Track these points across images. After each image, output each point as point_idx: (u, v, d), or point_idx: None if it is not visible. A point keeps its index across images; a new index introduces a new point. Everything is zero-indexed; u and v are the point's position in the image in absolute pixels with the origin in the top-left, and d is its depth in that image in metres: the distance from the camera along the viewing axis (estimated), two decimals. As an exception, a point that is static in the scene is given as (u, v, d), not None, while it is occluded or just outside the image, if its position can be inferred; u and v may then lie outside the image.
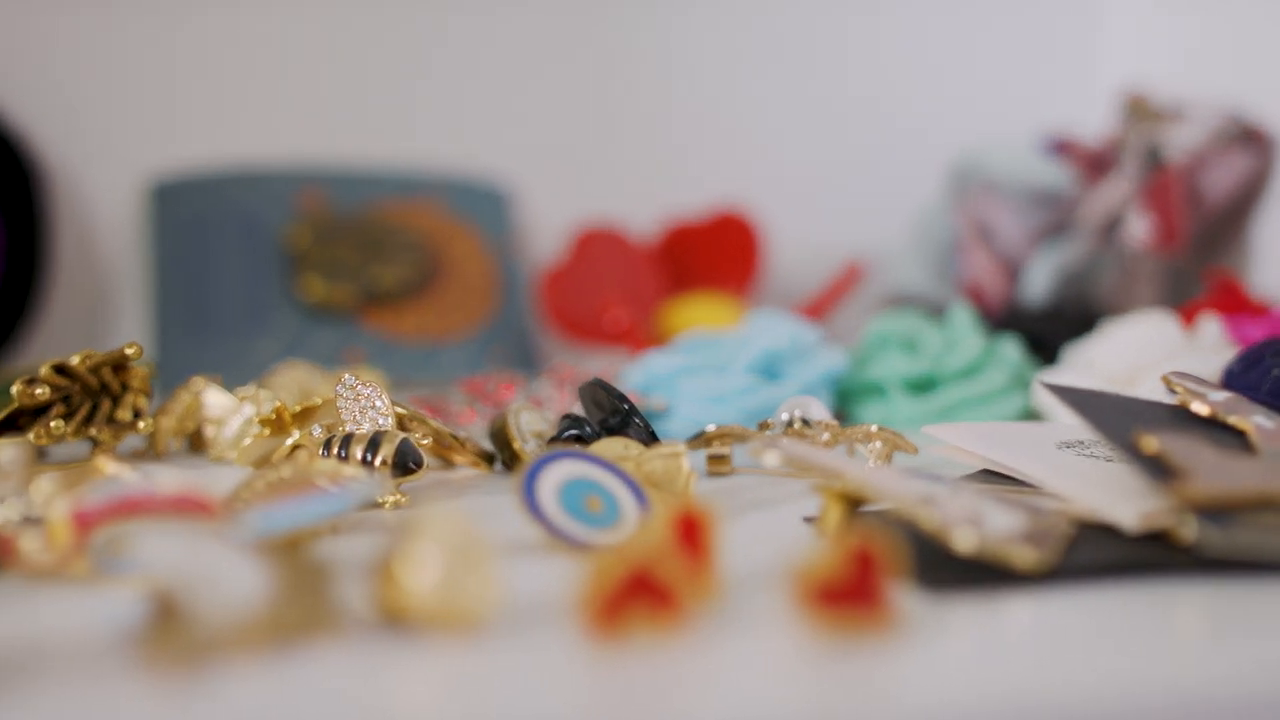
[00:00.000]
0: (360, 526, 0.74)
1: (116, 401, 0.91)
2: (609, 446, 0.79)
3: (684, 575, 0.56)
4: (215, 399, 0.95)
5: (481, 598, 0.56)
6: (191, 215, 1.33)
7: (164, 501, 0.63)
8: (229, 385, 0.96)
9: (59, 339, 1.34)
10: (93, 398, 0.90)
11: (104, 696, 0.50)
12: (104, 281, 1.38)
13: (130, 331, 1.35)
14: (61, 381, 0.88)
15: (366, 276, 1.34)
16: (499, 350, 1.35)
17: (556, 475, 0.71)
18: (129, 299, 1.37)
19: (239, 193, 1.35)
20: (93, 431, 0.89)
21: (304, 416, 0.90)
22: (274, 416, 0.88)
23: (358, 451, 0.78)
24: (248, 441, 0.91)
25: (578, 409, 0.94)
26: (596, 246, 1.42)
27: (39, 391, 0.87)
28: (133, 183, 1.36)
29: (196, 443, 0.97)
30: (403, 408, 0.83)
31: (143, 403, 0.92)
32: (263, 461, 0.89)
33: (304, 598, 0.56)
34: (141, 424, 0.91)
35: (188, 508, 0.63)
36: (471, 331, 1.36)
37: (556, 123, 1.53)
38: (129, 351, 0.90)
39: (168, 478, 0.65)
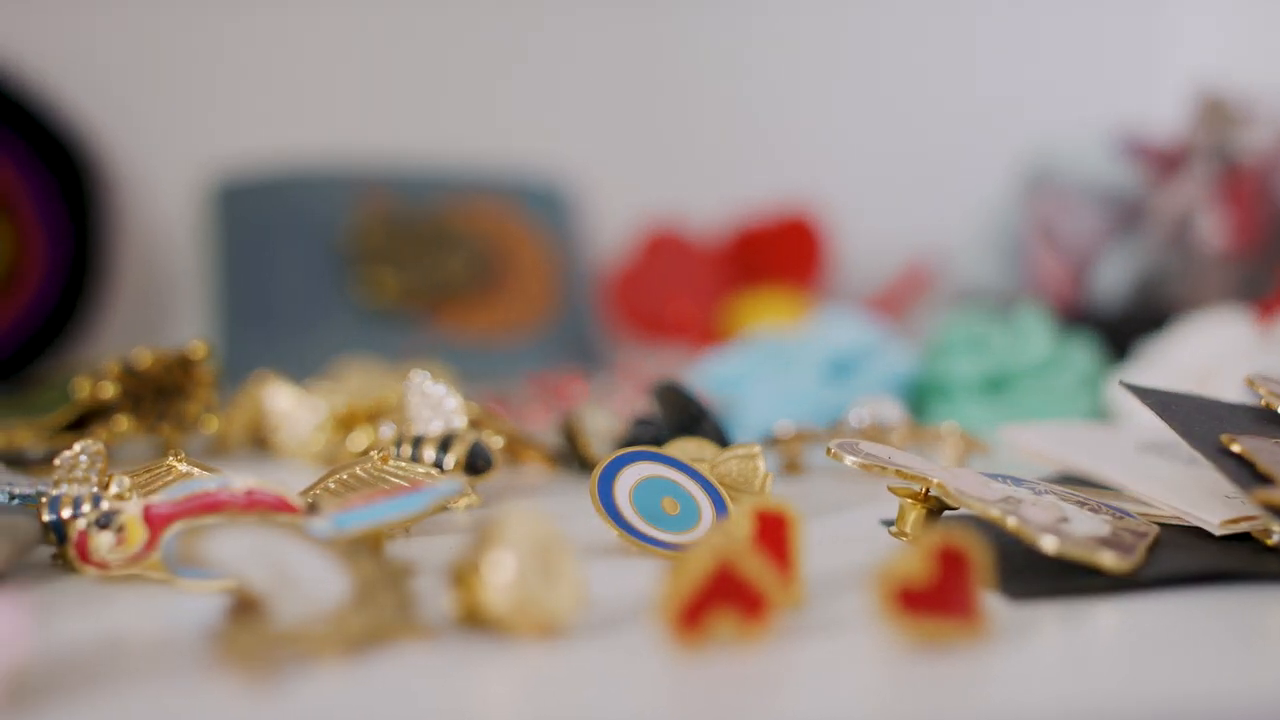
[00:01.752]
0: (432, 527, 0.73)
1: (183, 400, 0.91)
2: (684, 448, 0.78)
3: (772, 577, 0.55)
4: (281, 396, 0.95)
5: (562, 600, 0.55)
6: (255, 216, 1.33)
7: (240, 500, 0.63)
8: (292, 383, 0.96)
9: (120, 336, 1.34)
10: (160, 396, 0.90)
11: (184, 696, 0.50)
12: (164, 279, 1.38)
13: (191, 329, 1.35)
14: (129, 380, 0.87)
15: (427, 277, 1.34)
16: (560, 349, 1.35)
17: (631, 476, 0.70)
18: (189, 297, 1.37)
19: (301, 193, 1.35)
20: (160, 430, 0.89)
21: (372, 414, 0.89)
22: (344, 414, 0.87)
23: (430, 452, 0.77)
24: (315, 439, 0.91)
25: (647, 409, 0.94)
26: (662, 245, 1.42)
27: (107, 391, 0.86)
28: (192, 181, 1.36)
29: (262, 440, 0.97)
30: (473, 406, 0.83)
31: (209, 401, 0.92)
32: (332, 460, 0.88)
33: (384, 599, 0.55)
34: (208, 422, 0.90)
35: (264, 506, 0.63)
36: (532, 330, 1.35)
37: (620, 118, 1.52)
38: (196, 350, 0.89)
39: (243, 476, 0.64)
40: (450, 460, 0.77)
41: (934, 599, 0.55)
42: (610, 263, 1.45)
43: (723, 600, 0.54)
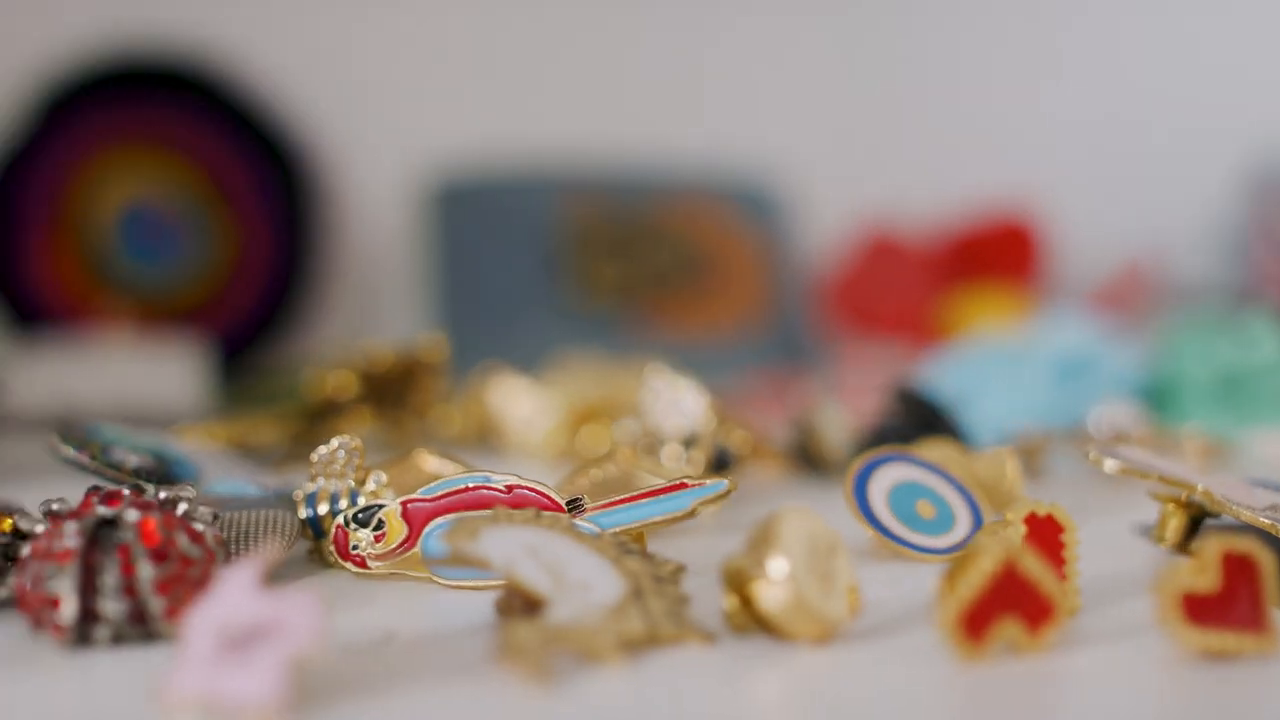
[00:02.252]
0: (681, 528, 0.73)
1: (415, 394, 0.91)
2: (932, 450, 0.77)
3: (1057, 583, 0.53)
4: (512, 390, 0.95)
5: (838, 604, 0.54)
6: (471, 217, 1.34)
7: (501, 497, 0.63)
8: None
9: (334, 328, 1.36)
10: (393, 390, 0.90)
11: (456, 694, 0.49)
12: (376, 274, 1.39)
13: (401, 324, 1.36)
14: (368, 376, 0.88)
15: (638, 277, 1.34)
16: (771, 348, 1.34)
17: (886, 479, 0.69)
18: (400, 292, 1.38)
19: (515, 195, 1.35)
20: (396, 424, 0.90)
21: (603, 411, 0.89)
22: (577, 410, 0.87)
23: (673, 450, 0.77)
24: (546, 434, 0.90)
25: (884, 410, 0.92)
26: (879, 247, 1.40)
27: (349, 385, 0.87)
28: (403, 179, 1.37)
29: (488, 434, 0.97)
30: (714, 405, 0.82)
31: (440, 395, 0.92)
32: (564, 455, 0.88)
33: (656, 600, 0.55)
34: (439, 416, 0.91)
35: (525, 504, 0.62)
36: (742, 329, 1.34)
37: (833, 116, 1.51)
38: (432, 347, 0.89)
39: (502, 473, 0.64)
40: (695, 459, 0.76)
41: (1221, 609, 0.53)
42: (823, 261, 1.43)
43: (1007, 607, 0.53)
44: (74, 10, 1.32)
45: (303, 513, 0.65)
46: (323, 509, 0.65)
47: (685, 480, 0.62)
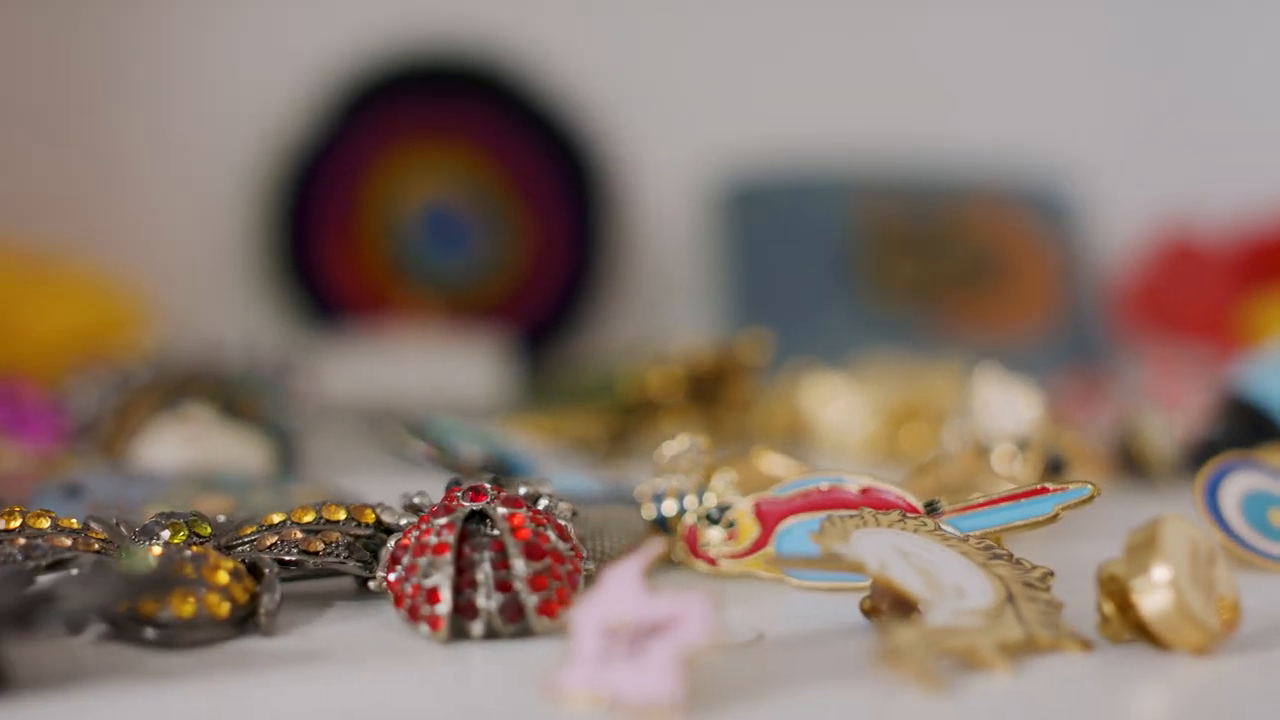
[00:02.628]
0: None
1: (729, 391, 0.91)
2: (1275, 457, 0.74)
3: None
4: (826, 388, 0.94)
5: (1218, 614, 0.53)
6: (762, 218, 1.33)
7: (855, 499, 0.62)
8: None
9: (625, 323, 1.36)
10: (709, 389, 0.90)
11: (840, 695, 0.49)
12: (666, 271, 1.39)
13: (691, 321, 1.36)
14: (684, 374, 0.88)
15: (929, 278, 1.32)
16: (1064, 350, 1.31)
17: (1236, 486, 0.67)
18: (689, 289, 1.38)
19: (805, 196, 1.35)
20: (715, 421, 0.89)
21: (920, 410, 0.88)
22: (896, 408, 0.86)
23: (1004, 453, 0.75)
24: (862, 432, 0.90)
25: (1209, 416, 0.89)
26: (1178, 251, 1.37)
27: (673, 383, 0.87)
28: (692, 178, 1.37)
29: (799, 430, 0.96)
30: (1043, 407, 0.80)
31: (751, 392, 0.92)
32: (883, 454, 0.87)
33: (1029, 605, 0.53)
34: (755, 415, 0.90)
35: (880, 505, 0.61)
36: (1034, 331, 1.32)
37: (1125, 114, 1.48)
38: (749, 346, 0.89)
39: (855, 474, 0.63)
40: (1028, 463, 0.75)
41: None
42: (1119, 263, 1.40)
43: None
44: (373, 9, 1.34)
45: (650, 511, 0.65)
46: (670, 507, 0.65)
47: (1046, 485, 0.60)
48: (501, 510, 0.56)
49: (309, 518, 0.59)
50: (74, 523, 0.58)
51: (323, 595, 0.60)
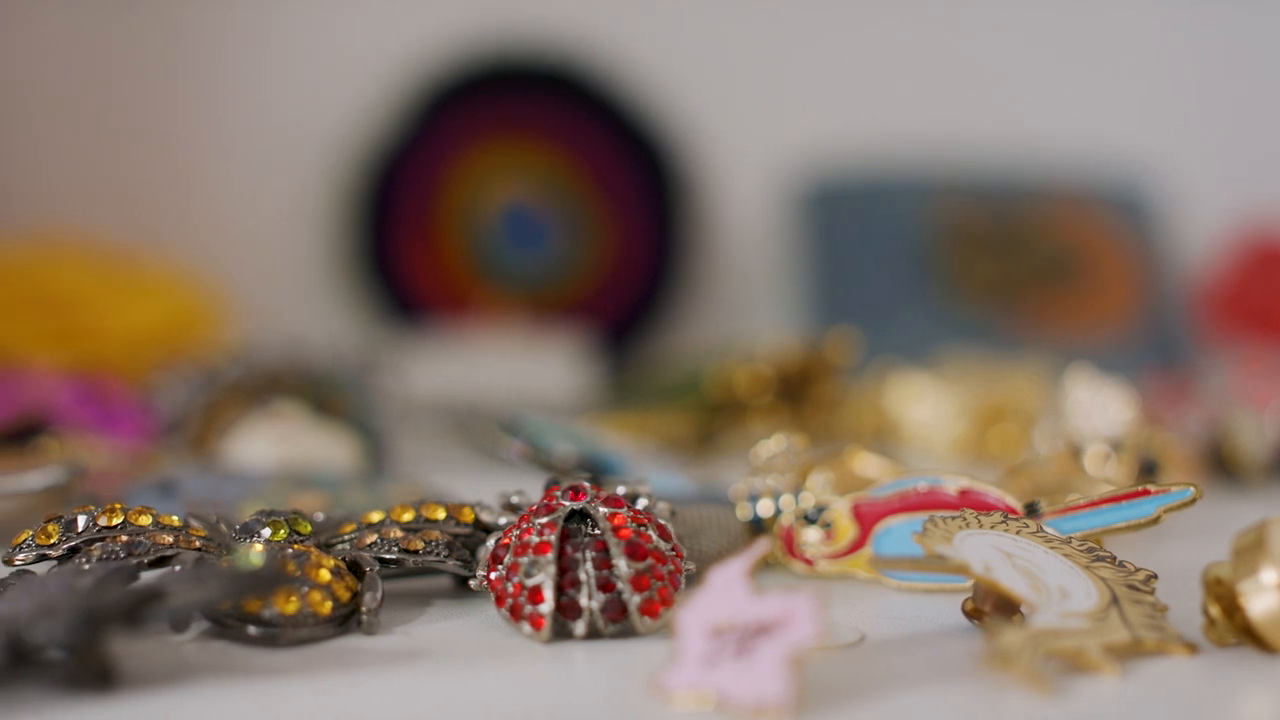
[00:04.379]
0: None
1: (815, 390, 0.91)
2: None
3: None
4: (910, 390, 0.94)
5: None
6: (841, 219, 1.33)
7: (953, 500, 0.62)
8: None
9: (706, 327, 1.36)
10: (795, 388, 0.90)
11: (950, 697, 0.49)
12: (747, 272, 1.39)
13: (774, 323, 1.35)
14: (779, 373, 0.88)
15: (1008, 279, 1.31)
16: (1144, 351, 1.30)
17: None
18: (771, 291, 1.38)
19: (884, 196, 1.34)
20: (803, 420, 0.89)
21: (1009, 413, 0.87)
22: (984, 408, 0.86)
23: (1097, 454, 0.75)
24: (950, 432, 0.89)
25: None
26: (1266, 248, 1.35)
27: (762, 383, 0.87)
28: (773, 178, 1.37)
29: (884, 430, 0.96)
30: (1136, 409, 0.80)
31: (837, 392, 0.91)
32: (970, 453, 0.86)
33: (1134, 608, 0.53)
34: (841, 414, 0.90)
35: (979, 507, 0.61)
36: (1118, 332, 1.31)
37: (1206, 114, 1.46)
38: (835, 346, 0.89)
39: (952, 474, 0.63)
40: (1121, 464, 0.74)
41: None
42: (1201, 264, 1.39)
43: None
44: (455, 9, 1.34)
45: (745, 511, 0.65)
46: (766, 508, 0.64)
47: (1148, 487, 0.60)
48: (603, 510, 0.55)
49: (408, 516, 0.59)
50: (175, 520, 0.58)
51: (420, 594, 0.60)
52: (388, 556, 0.57)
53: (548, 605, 0.53)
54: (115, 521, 0.58)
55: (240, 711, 0.48)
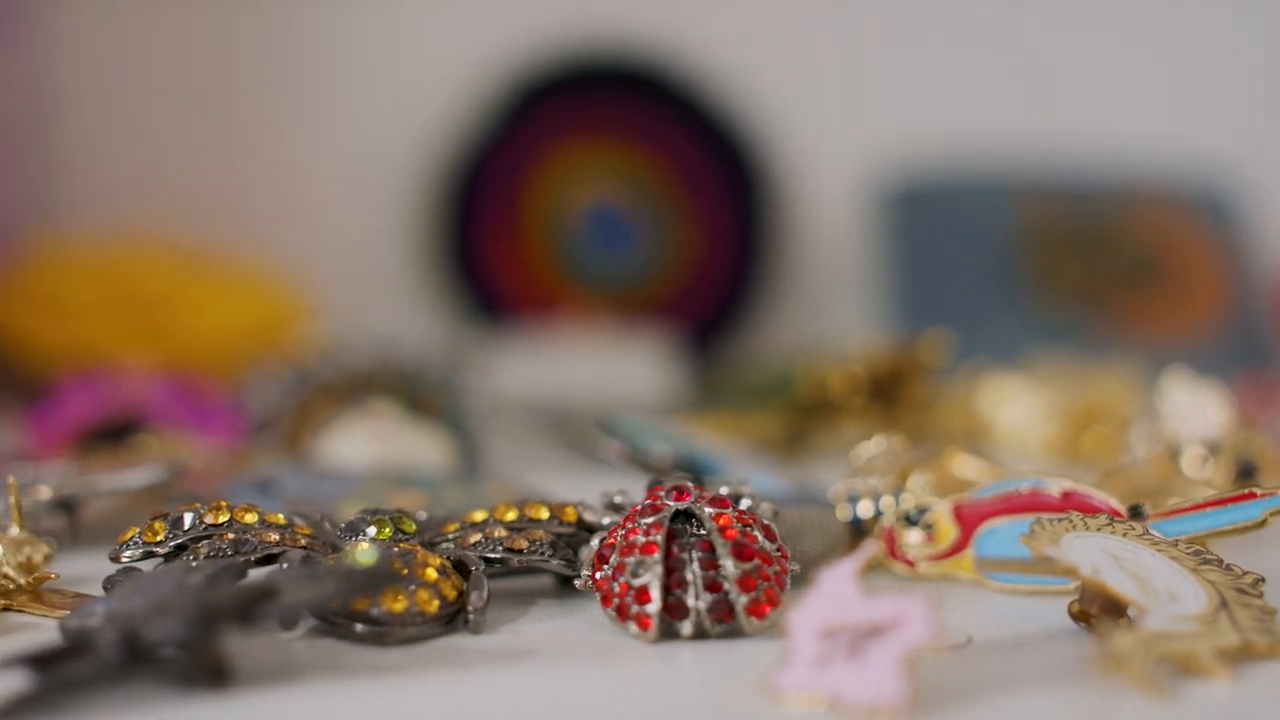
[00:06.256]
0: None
1: (907, 390, 0.90)
2: None
3: None
4: (1001, 391, 0.93)
5: None
6: (926, 219, 1.33)
7: (1056, 501, 0.61)
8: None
9: (789, 327, 1.36)
10: (886, 389, 0.90)
11: (1061, 699, 0.48)
12: (832, 273, 1.39)
13: (859, 324, 1.35)
14: (863, 374, 0.88)
15: (1094, 280, 1.31)
16: (1230, 354, 1.29)
17: None
18: (856, 291, 1.38)
19: (970, 196, 1.34)
20: (893, 421, 0.89)
21: (1102, 415, 0.87)
22: (1076, 410, 0.85)
23: (1194, 457, 0.74)
24: (1042, 434, 0.89)
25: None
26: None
27: (853, 383, 0.87)
28: (858, 178, 1.36)
29: (975, 431, 0.95)
30: (1233, 411, 0.79)
31: (929, 393, 0.91)
32: (1064, 456, 0.86)
33: (1243, 610, 0.53)
34: (934, 415, 0.90)
35: (1082, 509, 0.61)
36: (1205, 334, 1.30)
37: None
38: (927, 347, 0.89)
39: (1054, 476, 0.62)
40: (1219, 467, 0.74)
41: None
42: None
43: None
44: (540, 9, 1.34)
45: (845, 512, 0.64)
46: (866, 509, 0.64)
47: (1254, 489, 0.59)
48: (708, 510, 0.56)
49: (512, 515, 0.59)
50: (280, 518, 0.59)
51: (522, 593, 0.61)
52: (492, 556, 0.57)
53: (655, 605, 0.53)
54: (222, 519, 0.58)
55: (351, 709, 0.48)
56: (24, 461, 0.82)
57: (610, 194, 1.32)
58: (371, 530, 0.58)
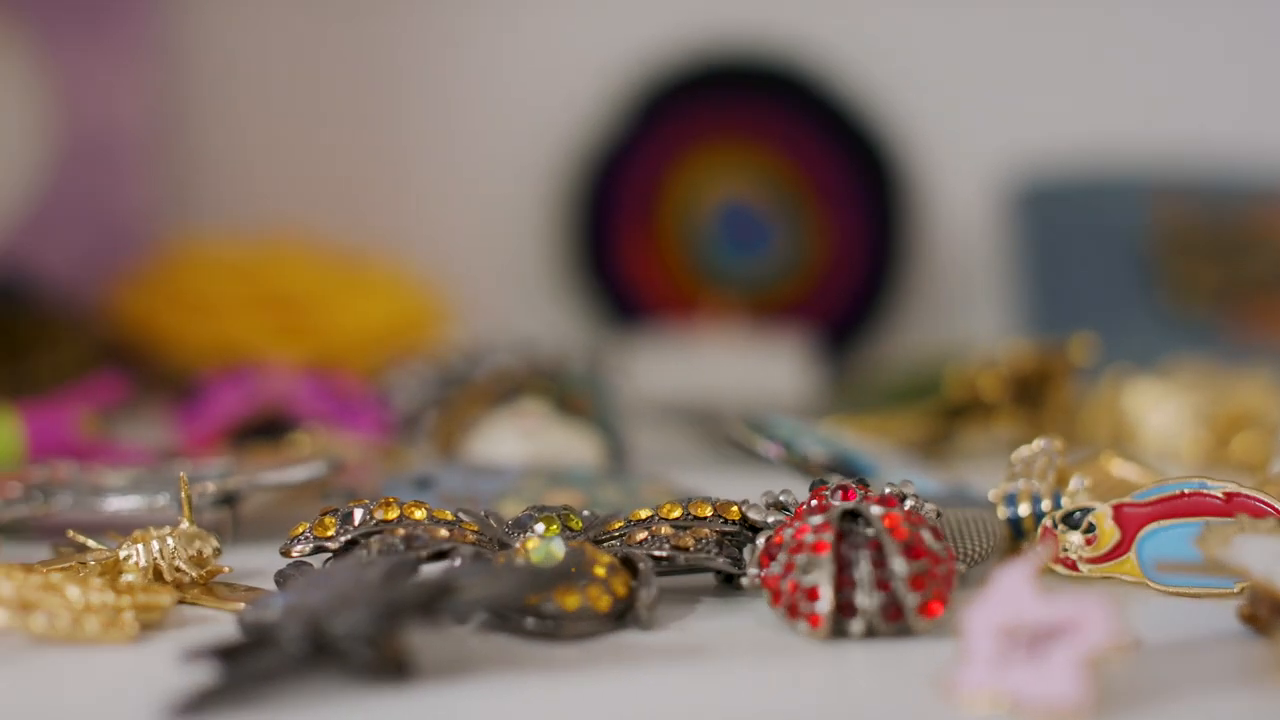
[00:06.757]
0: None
1: (1050, 393, 0.90)
2: None
3: None
4: (1146, 395, 0.93)
5: None
6: (1056, 219, 1.32)
7: (1220, 503, 0.61)
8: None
9: (919, 327, 1.35)
10: (1031, 391, 0.89)
11: (1225, 702, 0.48)
12: (962, 271, 1.38)
13: (986, 325, 1.35)
14: (1009, 376, 0.88)
15: (1232, 281, 1.29)
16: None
17: None
18: (987, 289, 1.37)
19: (1101, 196, 1.32)
20: (1031, 425, 0.89)
21: (1250, 419, 0.86)
22: (1222, 417, 0.85)
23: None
24: (1187, 440, 0.88)
25: None
26: None
27: (997, 386, 0.87)
28: (990, 178, 1.35)
29: (1120, 437, 0.95)
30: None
31: (1074, 396, 0.91)
32: (1209, 462, 0.86)
33: None
34: (1080, 419, 0.90)
35: (1249, 512, 0.60)
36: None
37: None
38: (1074, 348, 0.88)
39: (1218, 479, 0.62)
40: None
41: None
42: None
43: None
44: (671, 10, 1.35)
45: (1003, 513, 0.65)
46: (1024, 510, 0.64)
47: None
48: (875, 510, 0.56)
49: (677, 514, 0.60)
50: (448, 514, 0.60)
51: (685, 590, 0.61)
52: (660, 553, 0.58)
53: (825, 604, 0.54)
54: (392, 515, 0.59)
55: (528, 701, 0.49)
56: (179, 458, 0.84)
57: (744, 194, 1.32)
58: (540, 528, 0.59)
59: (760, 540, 0.58)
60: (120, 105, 1.25)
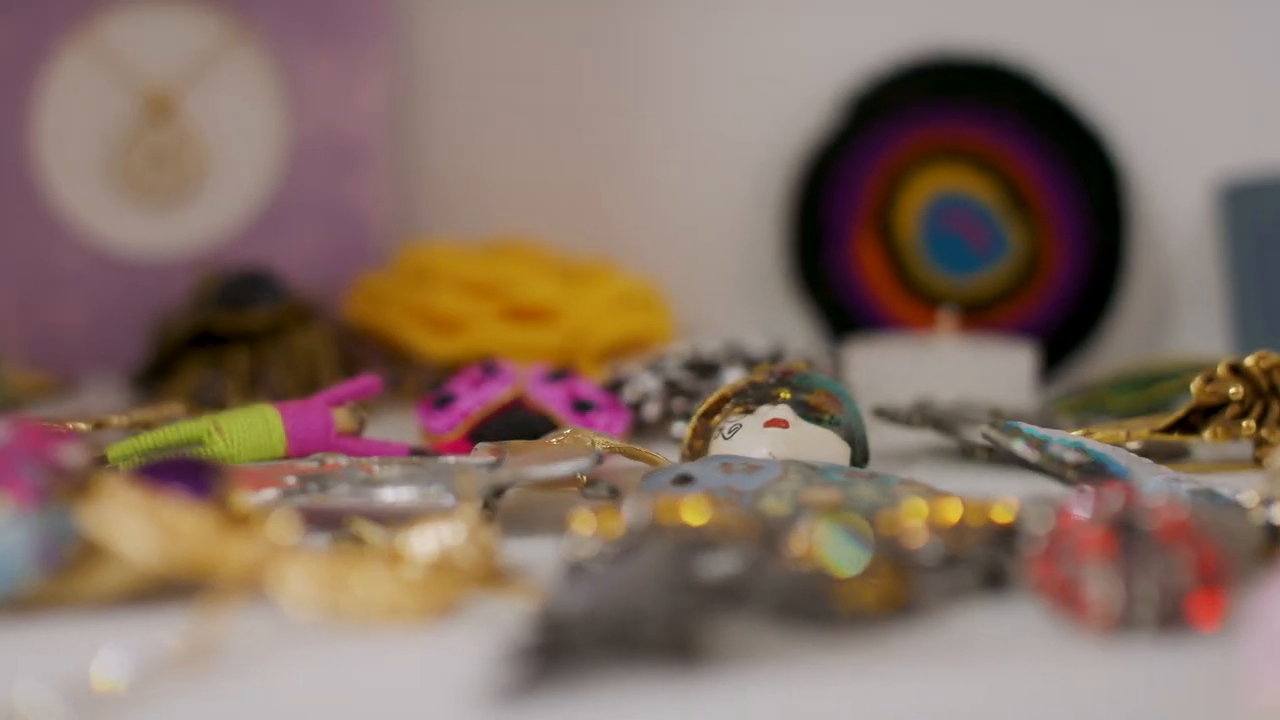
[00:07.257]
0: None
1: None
2: None
3: None
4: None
5: None
6: (1265, 218, 1.30)
7: None
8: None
9: (1131, 336, 1.35)
10: (1263, 398, 0.89)
11: None
12: (1174, 280, 1.38)
13: (1199, 333, 1.34)
14: (1237, 380, 0.88)
15: None
16: None
17: None
18: (1199, 298, 1.36)
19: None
20: (1263, 433, 0.89)
21: None
22: None
23: None
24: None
25: None
26: None
27: (1230, 390, 0.87)
28: (1205, 181, 1.34)
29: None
30: None
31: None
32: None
33: None
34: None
35: None
36: None
37: None
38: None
39: None
40: None
41: None
42: None
43: None
44: (887, 17, 1.36)
45: (1259, 517, 0.66)
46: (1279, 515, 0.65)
47: None
48: (1152, 508, 0.57)
49: (955, 515, 0.61)
50: (729, 512, 0.62)
51: (953, 588, 0.63)
52: (934, 553, 0.60)
53: (1103, 602, 0.55)
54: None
55: (809, 692, 0.52)
56: (435, 453, 0.87)
57: (960, 201, 1.33)
58: (828, 526, 0.60)
59: (1030, 539, 0.59)
60: (352, 109, 1.28)
